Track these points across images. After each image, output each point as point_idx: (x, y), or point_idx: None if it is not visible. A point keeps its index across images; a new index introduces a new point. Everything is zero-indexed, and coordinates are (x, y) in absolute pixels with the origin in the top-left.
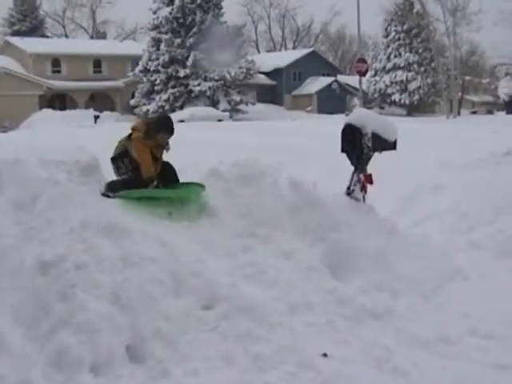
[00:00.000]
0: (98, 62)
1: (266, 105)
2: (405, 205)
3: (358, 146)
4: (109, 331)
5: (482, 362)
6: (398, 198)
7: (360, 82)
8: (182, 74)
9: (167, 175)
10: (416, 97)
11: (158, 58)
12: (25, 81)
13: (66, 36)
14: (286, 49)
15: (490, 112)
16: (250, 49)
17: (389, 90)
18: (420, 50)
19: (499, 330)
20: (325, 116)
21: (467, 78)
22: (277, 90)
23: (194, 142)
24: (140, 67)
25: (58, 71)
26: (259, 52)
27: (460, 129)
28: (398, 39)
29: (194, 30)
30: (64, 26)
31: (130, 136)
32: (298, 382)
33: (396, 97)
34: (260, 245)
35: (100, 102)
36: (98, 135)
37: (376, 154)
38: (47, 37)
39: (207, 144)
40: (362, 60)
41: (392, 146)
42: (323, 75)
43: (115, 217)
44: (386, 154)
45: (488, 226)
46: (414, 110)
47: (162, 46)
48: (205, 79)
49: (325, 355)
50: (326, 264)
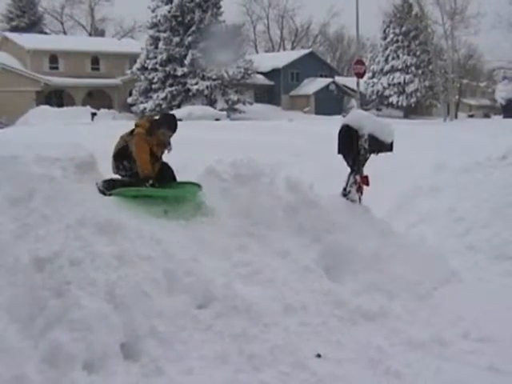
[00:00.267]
0: (95, 60)
1: (263, 105)
2: (401, 206)
3: (355, 148)
4: (103, 329)
5: (475, 365)
6: (394, 200)
7: (358, 83)
8: (179, 72)
9: (165, 175)
10: (413, 99)
11: (156, 57)
12: (22, 77)
13: (65, 33)
14: (284, 49)
15: (487, 116)
16: (249, 49)
17: (386, 92)
18: (418, 53)
19: (493, 333)
20: (322, 117)
21: (465, 81)
22: (274, 90)
23: (192, 141)
24: (138, 65)
25: (56, 68)
26: (257, 52)
27: (457, 132)
28: (396, 41)
29: (193, 28)
30: (62, 23)
31: (132, 132)
32: (293, 382)
33: (393, 99)
34: (256, 244)
35: (97, 99)
36: (94, 132)
37: (372, 156)
38: (45, 33)
39: (204, 143)
40: (360, 62)
41: (388, 147)
42: (321, 76)
43: (111, 214)
44: (382, 155)
45: (483, 229)
46: (411, 112)
47: (161, 45)
48: (202, 78)
49: (319, 356)
50: (321, 265)
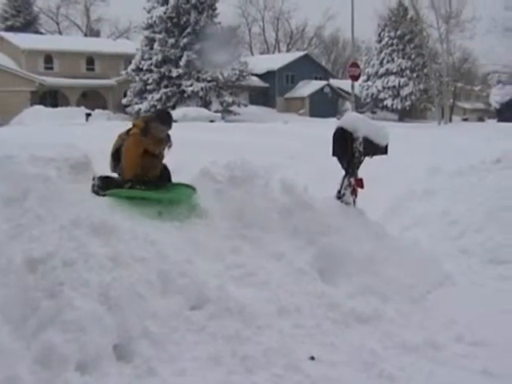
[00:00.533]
0: (90, 60)
1: (258, 107)
2: (395, 209)
3: (350, 150)
4: (96, 330)
5: (469, 369)
6: (388, 203)
7: (352, 86)
8: (174, 73)
9: (162, 177)
10: (408, 102)
11: (151, 58)
12: (17, 76)
13: (60, 33)
14: (279, 51)
15: (481, 119)
16: (244, 51)
17: (381, 95)
18: (413, 56)
19: (487, 336)
20: (316, 119)
21: (459, 84)
22: (269, 92)
23: (186, 143)
24: (133, 66)
25: (51, 68)
26: (252, 54)
27: (451, 135)
28: (391, 45)
29: (188, 30)
30: (58, 23)
31: (129, 131)
32: None
33: (388, 102)
34: (250, 247)
35: (92, 99)
36: (89, 133)
37: (367, 159)
38: (41, 33)
39: (199, 145)
40: (355, 64)
41: (383, 150)
42: (316, 79)
43: (105, 215)
44: (377, 158)
45: (477, 232)
46: (405, 115)
47: (156, 46)
48: (197, 80)
49: (312, 358)
50: (315, 267)
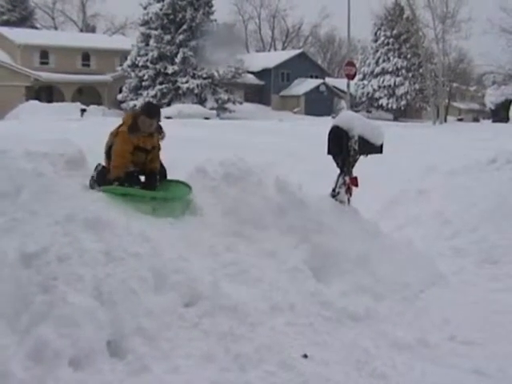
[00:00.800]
0: (86, 56)
1: (253, 104)
2: (389, 209)
3: (345, 149)
4: (90, 325)
5: (461, 368)
6: (382, 202)
7: (348, 85)
8: (170, 70)
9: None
10: (403, 102)
11: (146, 54)
12: (12, 71)
13: (56, 28)
14: (275, 49)
15: (476, 119)
16: (240, 48)
17: (376, 94)
18: (408, 56)
19: (479, 336)
20: (312, 118)
21: (454, 84)
22: (265, 90)
23: (181, 140)
24: (128, 62)
25: (46, 63)
26: (248, 52)
27: (446, 135)
28: (387, 44)
29: (184, 27)
30: (53, 18)
31: (119, 127)
32: (279, 381)
33: (383, 101)
34: (244, 244)
35: (87, 95)
36: (84, 129)
37: (362, 158)
38: (36, 28)
39: (194, 142)
40: (351, 63)
41: (378, 149)
42: (311, 77)
43: (99, 211)
44: (371, 157)
45: (471, 232)
46: (400, 114)
47: (152, 42)
48: (193, 77)
49: (305, 356)
50: (309, 265)
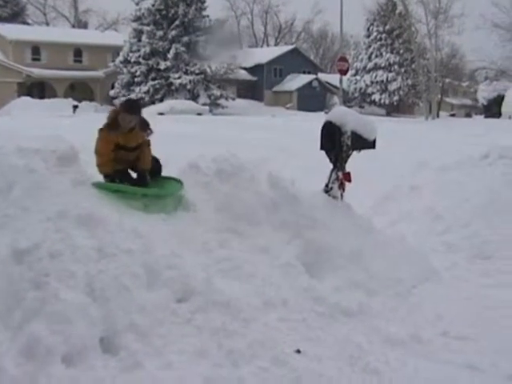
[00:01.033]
0: (78, 52)
1: (246, 100)
2: (382, 204)
3: (337, 144)
4: (82, 322)
5: (454, 363)
6: (375, 197)
7: (341, 80)
8: (162, 66)
9: (152, 171)
10: (396, 97)
11: (139, 50)
12: (4, 68)
13: (47, 24)
14: (267, 45)
15: (468, 115)
16: (233, 44)
17: (369, 90)
18: (401, 51)
19: (472, 331)
20: (304, 113)
21: (447, 80)
22: (257, 85)
23: (173, 136)
24: (121, 58)
25: (38, 59)
26: (241, 47)
27: (438, 130)
28: (380, 39)
29: (177, 22)
30: (45, 14)
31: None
32: (271, 377)
33: (376, 96)
34: (236, 240)
35: (79, 91)
36: (76, 125)
37: (355, 153)
38: (28, 24)
39: (186, 138)
40: (344, 59)
41: (371, 145)
42: (304, 72)
43: (91, 207)
44: (364, 152)
45: (463, 228)
46: (393, 110)
47: (144, 38)
48: (185, 72)
49: (298, 352)
50: (302, 261)
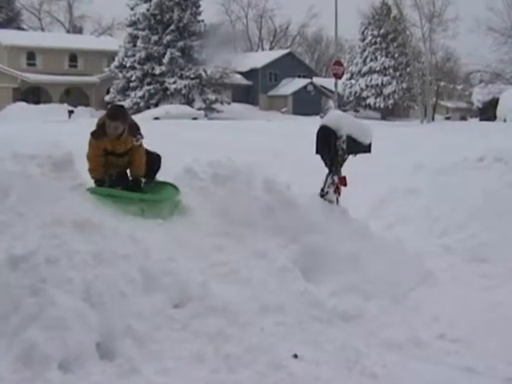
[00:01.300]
0: (73, 57)
1: (241, 104)
2: (378, 207)
3: (333, 148)
4: (79, 328)
5: (451, 366)
6: (371, 201)
7: (336, 84)
8: (157, 71)
9: (151, 168)
10: (391, 101)
11: (134, 55)
12: None
13: (42, 29)
14: (262, 49)
15: (463, 118)
16: (228, 48)
17: (364, 94)
18: (396, 55)
19: (469, 334)
20: (300, 117)
21: (442, 83)
22: (252, 90)
23: (168, 140)
24: (116, 63)
25: (33, 64)
26: (236, 52)
27: (434, 133)
28: (375, 43)
29: (172, 27)
30: (40, 19)
31: None
32: (268, 382)
33: (371, 100)
34: (233, 244)
35: (75, 96)
36: (72, 130)
37: (350, 157)
38: (23, 29)
39: (182, 142)
40: (339, 63)
41: (367, 148)
42: (299, 77)
43: (88, 213)
44: (360, 156)
45: (460, 230)
46: (388, 113)
47: (139, 43)
48: (181, 77)
49: (295, 356)
50: (298, 265)
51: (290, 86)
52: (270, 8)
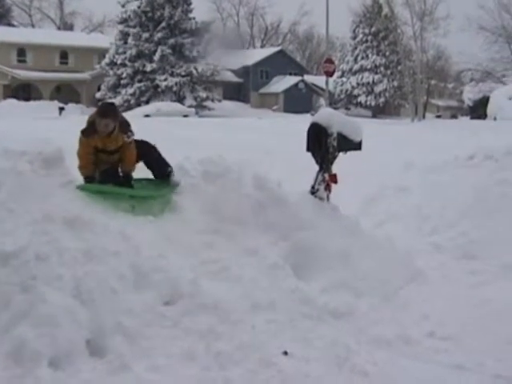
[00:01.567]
0: (64, 54)
1: (232, 102)
2: (368, 205)
3: (324, 146)
4: (69, 325)
5: (441, 363)
6: (362, 199)
7: (327, 82)
8: (148, 68)
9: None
10: (382, 99)
11: (125, 52)
12: None
13: (33, 26)
14: (254, 47)
15: (454, 116)
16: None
17: (355, 92)
18: (387, 53)
19: (458, 331)
20: (291, 115)
21: (433, 82)
22: (244, 87)
23: (159, 138)
24: (107, 60)
25: (24, 61)
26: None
27: (425, 132)
28: (366, 41)
29: (163, 24)
30: (31, 16)
31: None
32: (259, 379)
33: (362, 98)
34: (224, 241)
35: (65, 93)
36: (62, 127)
37: (341, 154)
38: (13, 26)
39: (173, 140)
40: (330, 60)
41: (357, 146)
42: (290, 74)
43: (78, 209)
44: (351, 154)
45: (450, 228)
46: (379, 112)
47: (130, 40)
48: (171, 74)
49: (286, 353)
50: (289, 262)
51: (281, 83)
52: (262, 6)
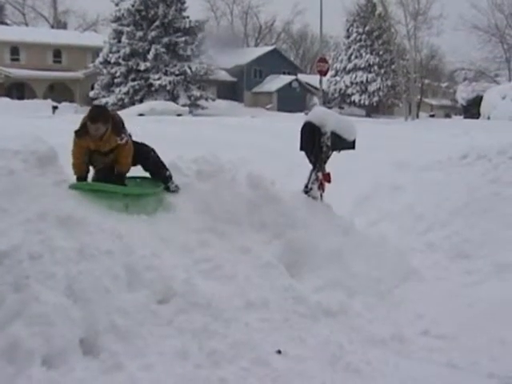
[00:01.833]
0: (57, 52)
1: (226, 101)
2: (362, 204)
3: (317, 145)
4: (62, 324)
5: (434, 362)
6: (355, 198)
7: (320, 81)
8: (142, 67)
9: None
10: (375, 98)
11: (118, 51)
12: None
13: (26, 24)
14: (247, 46)
15: (447, 116)
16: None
17: (349, 91)
18: (381, 52)
19: (452, 330)
20: (285, 114)
21: (426, 81)
22: (237, 86)
23: (153, 137)
24: (100, 59)
25: (17, 59)
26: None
27: (418, 131)
28: (360, 40)
29: (156, 23)
30: (24, 14)
31: None
32: (252, 377)
33: (356, 97)
34: (217, 240)
35: (59, 92)
36: (56, 126)
37: (335, 153)
38: (7, 24)
39: (166, 139)
40: (324, 60)
41: (351, 145)
42: (284, 73)
43: (71, 208)
44: (344, 153)
45: (443, 227)
46: (373, 111)
47: (124, 39)
48: (165, 73)
49: (279, 352)
50: (282, 261)
51: (275, 82)
52: (256, 4)
